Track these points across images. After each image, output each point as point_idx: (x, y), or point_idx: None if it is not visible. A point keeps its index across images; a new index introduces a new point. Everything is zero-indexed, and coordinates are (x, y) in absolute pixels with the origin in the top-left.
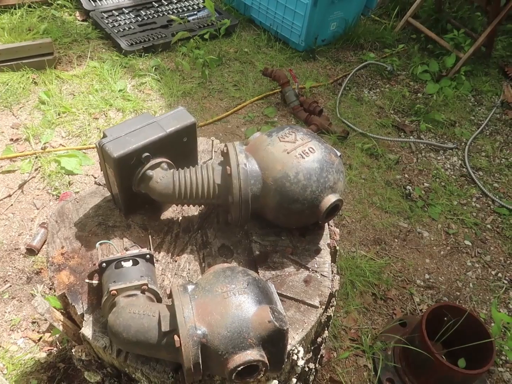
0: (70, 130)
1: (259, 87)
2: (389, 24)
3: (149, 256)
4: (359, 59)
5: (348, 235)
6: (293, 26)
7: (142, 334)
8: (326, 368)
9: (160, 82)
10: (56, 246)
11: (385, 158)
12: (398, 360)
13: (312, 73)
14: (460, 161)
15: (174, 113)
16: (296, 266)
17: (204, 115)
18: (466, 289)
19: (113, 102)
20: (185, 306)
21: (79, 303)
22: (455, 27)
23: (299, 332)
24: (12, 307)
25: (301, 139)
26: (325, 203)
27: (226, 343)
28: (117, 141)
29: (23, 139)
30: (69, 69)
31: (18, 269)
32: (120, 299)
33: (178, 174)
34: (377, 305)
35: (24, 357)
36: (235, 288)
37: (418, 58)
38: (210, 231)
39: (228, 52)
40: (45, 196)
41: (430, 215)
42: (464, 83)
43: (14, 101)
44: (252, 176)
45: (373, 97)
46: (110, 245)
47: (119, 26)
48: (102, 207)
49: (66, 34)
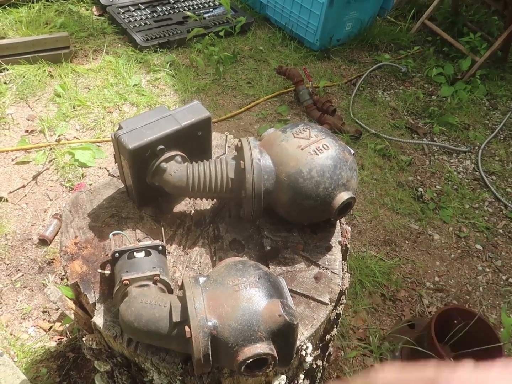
0: (84, 123)
1: (272, 85)
2: (405, 26)
3: (162, 248)
4: (373, 60)
5: (359, 235)
6: (309, 25)
7: (153, 324)
8: (333, 366)
9: (175, 77)
10: (69, 235)
11: (398, 160)
12: (406, 361)
13: (326, 73)
14: (473, 164)
15: (189, 107)
16: (306, 263)
17: (217, 112)
18: (476, 293)
19: (128, 96)
20: (197, 297)
21: (91, 292)
22: (472, 30)
23: (308, 328)
24: (23, 296)
25: (315, 136)
26: (338, 200)
27: (236, 336)
28: (132, 133)
29: (38, 131)
30: (85, 63)
31: (30, 259)
32: (132, 289)
33: (192, 167)
34: (385, 305)
35: (34, 346)
36: (246, 282)
37: (433, 61)
38: (222, 225)
39: (243, 50)
40: (59, 187)
41: (442, 218)
42: (479, 86)
43: (30, 94)
44: (266, 171)
45: (387, 98)
46: (123, 236)
47: (135, 21)
48: (115, 199)
49: (82, 28)
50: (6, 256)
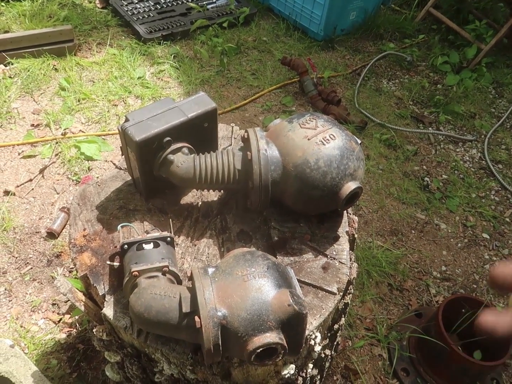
0: (89, 116)
1: (277, 76)
2: (410, 14)
3: (170, 239)
4: (378, 49)
5: (365, 225)
6: (312, 15)
7: (163, 314)
8: (341, 356)
9: (179, 70)
10: (78, 228)
11: (403, 149)
12: (413, 350)
13: (331, 63)
14: (480, 153)
15: (195, 98)
16: (314, 253)
17: (222, 103)
18: (483, 282)
19: (132, 89)
20: (206, 287)
21: (100, 284)
22: (477, 18)
23: (316, 318)
24: (33, 288)
25: (322, 126)
26: (345, 190)
27: (245, 325)
28: (139, 125)
29: (44, 124)
30: (89, 56)
31: (38, 252)
32: (142, 280)
33: (199, 159)
34: (392, 295)
35: (44, 338)
36: (255, 272)
37: (438, 49)
38: (229, 217)
39: (247, 41)
40: (65, 181)
41: (448, 207)
42: (485, 75)
43: (35, 87)
44: (273, 162)
45: (392, 87)
46: (131, 228)
47: (138, 13)
48: (123, 191)
49: (86, 21)
50: (14, 249)
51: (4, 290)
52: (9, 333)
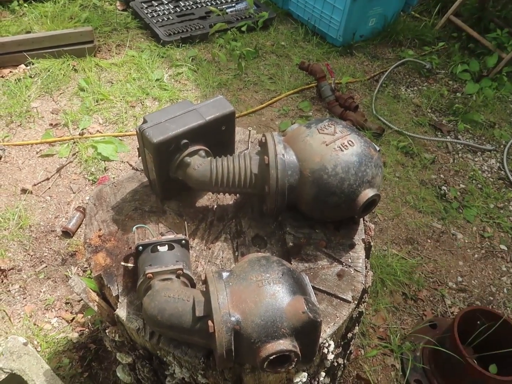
0: (107, 117)
1: (294, 81)
2: (430, 22)
3: (185, 242)
4: (397, 56)
5: (380, 233)
6: (332, 20)
7: (176, 318)
8: (353, 365)
9: (197, 72)
10: (93, 228)
11: (421, 157)
12: (427, 361)
13: (349, 69)
14: (499, 163)
15: (214, 102)
16: (329, 260)
17: (239, 107)
18: (500, 294)
19: (150, 91)
20: (220, 292)
21: (114, 284)
22: (499, 26)
23: (330, 326)
24: (47, 287)
25: (340, 132)
26: (362, 198)
27: (259, 331)
28: (157, 127)
29: (62, 124)
30: (108, 57)
31: (53, 251)
32: (156, 283)
33: (215, 162)
34: (407, 305)
35: (57, 336)
36: (269, 277)
37: (458, 57)
38: (244, 221)
39: (265, 45)
40: (82, 180)
41: (465, 217)
42: (505, 84)
43: (55, 87)
44: (290, 167)
45: (410, 95)
46: (146, 230)
47: (158, 16)
48: (139, 192)
49: (106, 23)
50: (30, 247)
51: (19, 288)
52: (22, 331)
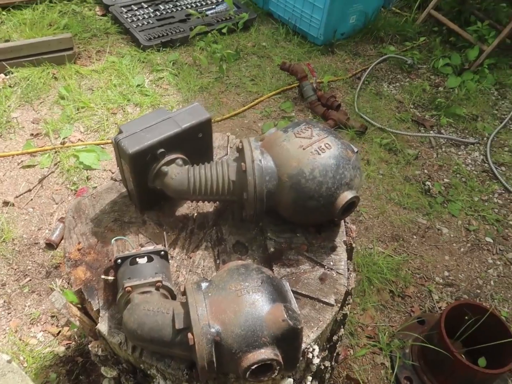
0: (88, 125)
1: (276, 82)
2: (411, 17)
3: (164, 253)
4: (378, 52)
5: (366, 231)
6: (312, 19)
7: (156, 331)
8: (343, 365)
9: (178, 76)
10: (73, 241)
11: (404, 153)
12: (416, 358)
13: (331, 67)
14: (482, 156)
15: (190, 109)
16: (311, 264)
17: (221, 110)
18: (487, 287)
19: (131, 97)
20: (199, 304)
21: (95, 299)
22: (479, 19)
23: (314, 331)
24: (32, 301)
25: (317, 135)
26: (341, 200)
27: (239, 342)
28: (132, 137)
29: (43, 134)
30: (88, 64)
31: (37, 264)
32: (135, 296)
33: (193, 170)
34: (394, 302)
35: (43, 351)
36: (249, 286)
37: (439, 51)
38: (225, 228)
39: (246, 46)
40: (64, 191)
41: (450, 211)
42: (487, 76)
43: (35, 96)
44: (267, 172)
45: (392, 91)
46: (126, 241)
47: (137, 20)
48: (118, 203)
49: (86, 29)
50: (13, 261)
51: (3, 303)
52: (8, 347)
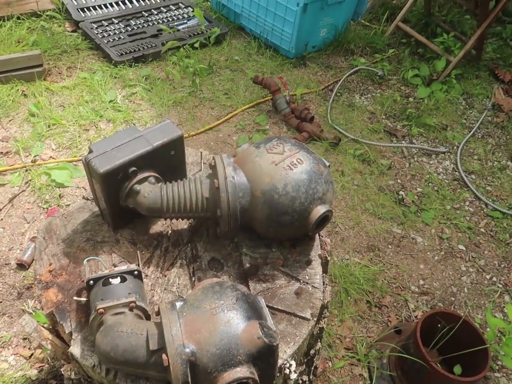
0: (60, 142)
1: (250, 95)
2: (379, 29)
3: (137, 272)
4: (349, 64)
5: (342, 243)
6: (283, 33)
7: (130, 353)
8: (321, 378)
9: (151, 92)
10: (43, 263)
11: (378, 164)
12: (394, 368)
13: (303, 80)
14: (453, 165)
15: (161, 127)
16: (287, 278)
17: (195, 124)
18: (461, 294)
19: (104, 113)
20: (173, 324)
21: (67, 321)
22: (445, 30)
23: (290, 346)
24: (2, 323)
25: (289, 150)
26: (315, 214)
27: (215, 361)
28: (103, 156)
29: (13, 152)
30: (59, 80)
31: (8, 285)
32: (108, 317)
33: (166, 188)
34: (372, 312)
35: (15, 375)
36: (223, 304)
37: (408, 63)
38: (200, 244)
39: (219, 61)
40: (36, 209)
41: (424, 220)
42: (455, 86)
43: (4, 114)
44: (241, 189)
45: (364, 102)
46: (98, 262)
47: (108, 36)
48: (90, 222)
49: (55, 45)
50: None
51: None
52: None
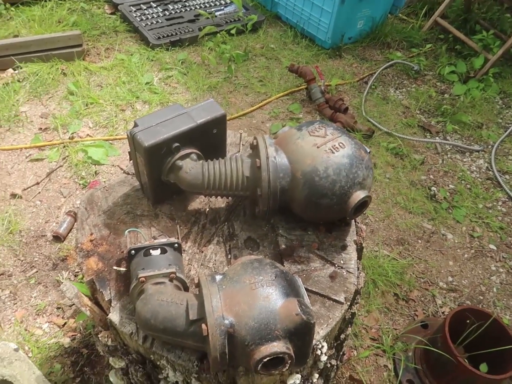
0: (97, 121)
1: (284, 83)
2: (417, 24)
3: (177, 245)
4: (385, 58)
5: (371, 234)
6: (320, 23)
7: (170, 321)
8: (346, 366)
9: (186, 75)
10: (85, 232)
11: (410, 158)
12: (419, 361)
13: (338, 71)
14: (487, 164)
15: (205, 105)
16: (322, 262)
17: (229, 110)
18: (490, 294)
19: (140, 94)
20: (213, 295)
21: (106, 289)
22: (484, 28)
23: (323, 328)
24: (38, 292)
25: (331, 134)
26: (354, 199)
27: (253, 334)
28: (148, 131)
29: (52, 128)
30: (97, 61)
31: (44, 256)
32: (149, 286)
33: (207, 165)
34: (398, 305)
35: (48, 341)
36: (263, 280)
37: (445, 59)
38: (237, 224)
39: (254, 48)
40: (72, 185)
41: (455, 217)
42: (492, 85)
43: (44, 91)
44: (281, 169)
45: (399, 96)
46: (138, 234)
47: (146, 19)
48: (130, 196)
49: (94, 26)
50: (20, 252)
51: (9, 293)
52: (13, 337)
